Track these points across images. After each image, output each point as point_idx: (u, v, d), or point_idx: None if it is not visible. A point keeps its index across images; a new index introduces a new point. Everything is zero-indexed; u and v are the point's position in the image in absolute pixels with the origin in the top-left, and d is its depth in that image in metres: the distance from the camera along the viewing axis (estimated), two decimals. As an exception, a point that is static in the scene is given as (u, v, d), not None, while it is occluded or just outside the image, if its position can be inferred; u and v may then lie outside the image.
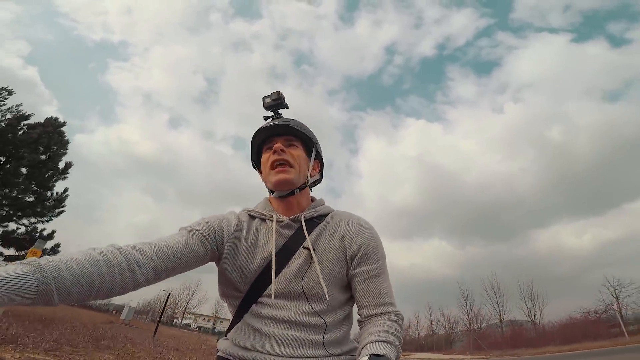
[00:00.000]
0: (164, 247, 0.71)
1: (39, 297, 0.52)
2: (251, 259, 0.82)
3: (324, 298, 0.79)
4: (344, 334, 0.83)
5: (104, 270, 0.60)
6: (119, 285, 0.63)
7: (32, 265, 0.53)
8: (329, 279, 0.81)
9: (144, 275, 0.67)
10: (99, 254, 0.62)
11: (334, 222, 0.89)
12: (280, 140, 0.89)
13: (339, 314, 0.83)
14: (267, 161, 0.88)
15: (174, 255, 0.72)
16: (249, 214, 0.90)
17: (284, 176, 0.84)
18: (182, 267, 0.74)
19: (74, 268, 0.57)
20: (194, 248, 0.76)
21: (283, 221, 0.86)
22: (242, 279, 0.82)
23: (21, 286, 0.49)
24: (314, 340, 0.76)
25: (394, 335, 0.74)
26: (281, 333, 0.75)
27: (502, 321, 33.97)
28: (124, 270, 0.63)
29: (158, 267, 0.69)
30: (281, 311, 0.78)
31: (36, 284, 0.51)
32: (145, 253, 0.68)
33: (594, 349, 16.69)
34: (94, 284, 0.58)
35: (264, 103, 0.97)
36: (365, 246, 0.84)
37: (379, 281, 0.83)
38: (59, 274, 0.54)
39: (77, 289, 0.56)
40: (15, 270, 0.51)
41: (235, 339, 0.79)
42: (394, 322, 0.78)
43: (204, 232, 0.80)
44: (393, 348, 0.71)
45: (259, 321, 0.78)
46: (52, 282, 0.53)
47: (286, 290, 0.79)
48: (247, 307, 0.81)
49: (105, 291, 0.61)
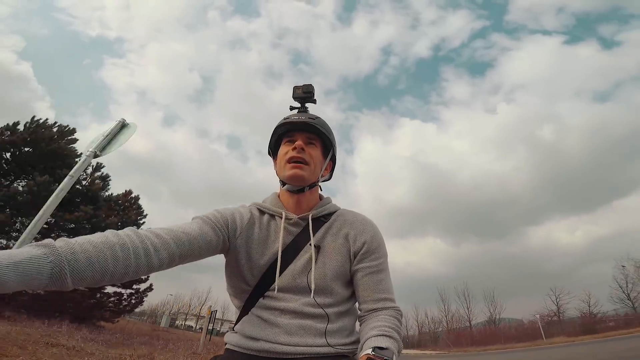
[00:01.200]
0: (180, 233, 0.73)
1: (52, 281, 0.51)
2: (261, 254, 0.85)
3: (328, 292, 0.83)
4: (347, 327, 0.85)
5: (118, 254, 0.61)
6: (133, 269, 0.63)
7: (47, 248, 0.52)
8: (333, 275, 0.84)
9: (159, 260, 0.68)
10: (115, 237, 0.63)
11: (340, 221, 0.92)
12: (302, 137, 0.91)
13: (342, 308, 0.85)
14: (285, 154, 0.90)
15: (189, 242, 0.74)
16: (259, 208, 0.93)
17: (299, 172, 0.87)
18: (195, 254, 0.76)
19: (89, 251, 0.57)
20: (207, 237, 0.78)
21: (292, 219, 0.89)
22: (252, 273, 0.85)
23: (34, 269, 0.48)
24: (319, 329, 0.79)
25: (395, 329, 0.77)
26: (288, 322, 0.78)
27: (471, 322, 39.48)
28: (139, 254, 0.64)
29: (173, 253, 0.71)
30: (288, 303, 0.81)
31: (50, 267, 0.50)
32: (162, 238, 0.70)
33: (517, 348, 22.13)
34: (107, 268, 0.59)
35: (294, 93, 0.99)
36: (368, 243, 0.88)
37: (380, 277, 0.86)
38: (74, 257, 0.54)
39: (90, 273, 0.56)
40: (29, 252, 0.50)
41: (243, 331, 0.82)
42: (394, 317, 0.81)
43: (217, 222, 0.83)
44: (395, 342, 0.73)
45: (267, 312, 0.81)
46: (66, 265, 0.52)
47: (293, 285, 0.83)
48: (255, 301, 0.84)
49: (119, 275, 0.61)
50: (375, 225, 0.94)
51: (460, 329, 40.62)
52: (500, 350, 22.77)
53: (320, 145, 0.94)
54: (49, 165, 11.31)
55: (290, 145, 0.90)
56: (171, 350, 6.99)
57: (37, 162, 11.37)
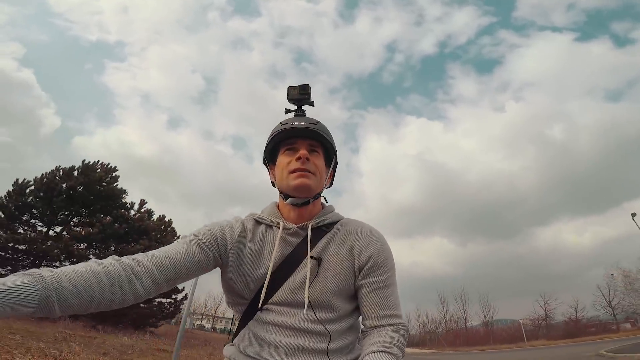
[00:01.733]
0: (163, 258, 0.72)
1: (40, 308, 0.53)
2: (256, 267, 0.82)
3: (329, 308, 0.79)
4: (349, 344, 0.82)
5: (104, 282, 0.61)
6: (119, 297, 0.64)
7: (34, 277, 0.54)
8: (335, 289, 0.80)
9: (143, 288, 0.68)
10: (99, 266, 0.63)
11: (344, 232, 0.87)
12: (304, 145, 0.85)
13: (344, 324, 0.82)
14: (286, 165, 0.84)
15: (173, 266, 0.73)
16: (255, 219, 0.89)
17: (305, 181, 0.81)
18: (182, 277, 0.75)
19: (75, 279, 0.58)
20: (195, 257, 0.76)
21: (290, 229, 0.84)
22: (247, 287, 0.82)
23: (23, 297, 0.50)
24: (319, 349, 0.75)
25: (396, 345, 0.74)
26: (285, 341, 0.75)
27: (466, 324, 42.15)
28: (123, 283, 0.64)
29: (157, 279, 0.70)
30: (286, 318, 0.78)
31: (38, 295, 0.52)
32: (144, 265, 0.69)
33: (496, 349, 24.90)
34: (94, 296, 0.60)
35: (289, 94, 0.93)
36: (375, 257, 0.83)
37: (387, 293, 0.82)
38: (60, 285, 0.55)
39: (77, 300, 0.57)
40: (16, 281, 0.51)
41: (240, 347, 0.80)
42: (398, 333, 0.78)
43: (206, 240, 0.80)
44: (394, 358, 0.71)
45: (264, 328, 0.78)
46: (53, 293, 0.54)
47: (292, 299, 0.79)
48: (252, 314, 0.81)
49: (106, 303, 0.62)
50: (382, 236, 0.89)
51: (457, 329, 43.27)
52: (486, 350, 25.55)
53: (322, 152, 0.88)
54: (103, 205, 14.22)
55: (292, 154, 0.84)
56: (216, 348, 9.95)
57: (92, 202, 14.22)
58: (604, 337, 22.46)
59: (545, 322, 33.28)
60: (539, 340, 27.05)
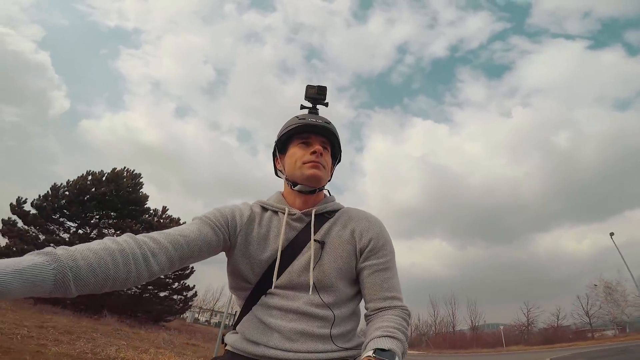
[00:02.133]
0: (177, 236, 0.74)
1: (56, 287, 0.52)
2: (262, 250, 0.85)
3: (332, 290, 0.82)
4: (351, 329, 0.84)
5: (119, 260, 0.62)
6: (134, 274, 0.64)
7: (49, 255, 0.54)
8: (338, 271, 0.83)
9: (158, 265, 0.69)
10: (114, 243, 0.64)
11: (345, 218, 0.91)
12: (318, 141, 0.91)
13: (347, 308, 0.84)
14: (301, 156, 0.89)
15: (187, 244, 0.75)
16: (262, 205, 0.93)
17: (318, 172, 0.87)
18: (195, 256, 0.77)
19: (90, 258, 0.58)
20: (207, 237, 0.79)
21: (295, 214, 0.88)
22: (252, 270, 0.84)
23: (38, 276, 0.50)
24: (322, 333, 0.77)
25: (400, 330, 0.75)
26: (289, 326, 0.77)
27: (454, 327, 44.11)
28: (138, 260, 0.65)
29: (172, 257, 0.72)
30: (290, 302, 0.80)
31: (53, 274, 0.52)
32: (160, 242, 0.71)
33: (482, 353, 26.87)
34: (109, 274, 0.60)
35: (307, 92, 0.98)
36: (374, 240, 0.87)
37: (387, 275, 0.85)
38: (75, 264, 0.55)
39: (93, 279, 0.58)
40: (31, 260, 0.51)
41: (243, 332, 0.81)
42: (401, 317, 0.79)
43: (217, 221, 0.83)
44: (399, 343, 0.71)
45: (267, 313, 0.80)
46: (68, 271, 0.54)
47: (296, 282, 0.81)
48: (256, 299, 0.83)
49: (121, 281, 0.62)
50: (381, 222, 0.93)
51: (445, 333, 45.18)
52: (468, 353, 27.48)
53: (330, 149, 0.95)
54: (130, 209, 15.72)
55: (306, 148, 0.89)
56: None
57: (120, 207, 15.70)
58: (576, 344, 24.34)
59: (527, 328, 35.14)
60: (517, 346, 28.84)
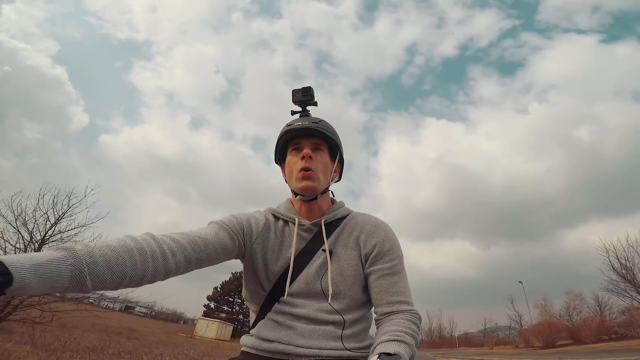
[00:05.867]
0: (196, 237, 0.75)
1: (72, 284, 0.52)
2: (276, 259, 0.87)
3: (342, 298, 0.83)
4: (361, 331, 0.86)
5: (136, 258, 0.62)
6: (151, 273, 0.64)
7: (67, 251, 0.54)
8: (347, 279, 0.85)
9: (176, 264, 0.69)
10: (133, 241, 0.64)
11: (351, 225, 0.93)
12: (308, 144, 0.90)
13: (357, 313, 0.85)
14: (293, 164, 0.89)
15: (205, 246, 0.75)
16: (274, 214, 0.94)
17: (309, 184, 0.87)
18: (211, 259, 0.78)
19: (108, 254, 0.58)
20: (223, 242, 0.79)
21: (305, 225, 0.90)
22: (267, 278, 0.86)
23: (55, 272, 0.50)
24: (333, 333, 0.80)
25: (409, 334, 0.74)
26: (302, 326, 0.80)
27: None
28: (157, 259, 0.65)
29: (190, 257, 0.72)
30: (302, 309, 0.82)
31: (70, 270, 0.52)
32: (179, 242, 0.71)
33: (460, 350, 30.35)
34: (125, 272, 0.60)
35: (293, 97, 0.98)
36: (380, 245, 0.88)
37: (395, 279, 0.85)
38: (93, 260, 0.55)
39: (109, 276, 0.58)
40: (50, 255, 0.51)
41: (258, 334, 0.83)
42: (410, 321, 0.79)
43: (233, 227, 0.84)
44: (407, 347, 0.70)
45: (281, 317, 0.82)
46: (85, 268, 0.54)
47: (307, 290, 0.84)
48: (271, 305, 0.85)
49: (137, 279, 0.62)
50: (389, 226, 0.93)
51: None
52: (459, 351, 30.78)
53: (327, 148, 0.93)
54: None
55: (298, 154, 0.89)
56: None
57: None
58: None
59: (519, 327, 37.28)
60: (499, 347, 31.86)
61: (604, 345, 17.13)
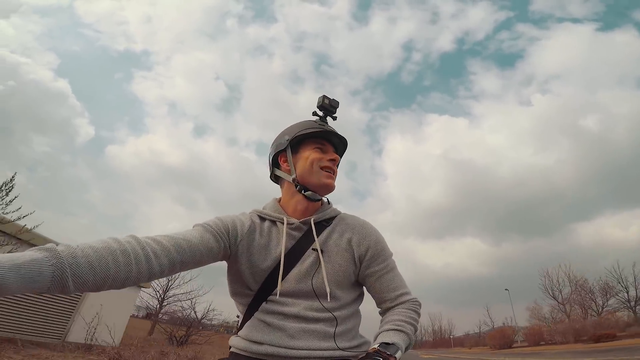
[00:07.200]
0: (180, 240, 0.74)
1: (54, 284, 0.52)
2: (263, 259, 0.85)
3: (332, 296, 0.83)
4: (352, 330, 0.86)
5: (119, 260, 0.61)
6: (135, 275, 0.64)
7: (49, 251, 0.53)
8: (337, 278, 0.85)
9: (159, 266, 0.68)
10: (116, 243, 0.63)
11: (342, 225, 0.94)
12: (332, 151, 0.95)
13: (347, 311, 0.86)
14: (317, 160, 0.90)
15: (190, 249, 0.74)
16: (259, 215, 0.93)
17: (333, 182, 0.91)
18: (196, 261, 0.77)
19: (90, 256, 0.57)
20: (208, 244, 0.79)
21: (293, 224, 0.89)
22: (254, 278, 0.85)
23: (36, 272, 0.49)
24: (324, 333, 0.79)
25: (409, 323, 0.79)
26: (292, 326, 0.78)
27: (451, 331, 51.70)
28: (140, 260, 0.64)
29: (174, 259, 0.71)
30: (290, 307, 0.81)
31: (51, 271, 0.51)
32: (163, 245, 0.70)
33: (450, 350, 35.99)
34: (109, 273, 0.59)
35: (321, 102, 0.99)
36: (372, 248, 0.90)
37: (391, 276, 0.90)
38: (75, 261, 0.54)
39: (92, 277, 0.57)
40: (31, 255, 0.50)
41: (247, 335, 0.81)
42: (411, 309, 0.84)
43: (218, 230, 0.83)
44: (405, 336, 0.76)
45: (270, 317, 0.81)
46: (67, 269, 0.53)
47: (297, 289, 0.83)
48: (258, 305, 0.84)
49: (120, 280, 0.62)
50: (375, 228, 0.96)
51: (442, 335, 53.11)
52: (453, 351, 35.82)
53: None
54: None
55: (322, 153, 0.92)
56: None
57: None
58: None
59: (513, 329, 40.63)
60: (478, 347, 36.11)
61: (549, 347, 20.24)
